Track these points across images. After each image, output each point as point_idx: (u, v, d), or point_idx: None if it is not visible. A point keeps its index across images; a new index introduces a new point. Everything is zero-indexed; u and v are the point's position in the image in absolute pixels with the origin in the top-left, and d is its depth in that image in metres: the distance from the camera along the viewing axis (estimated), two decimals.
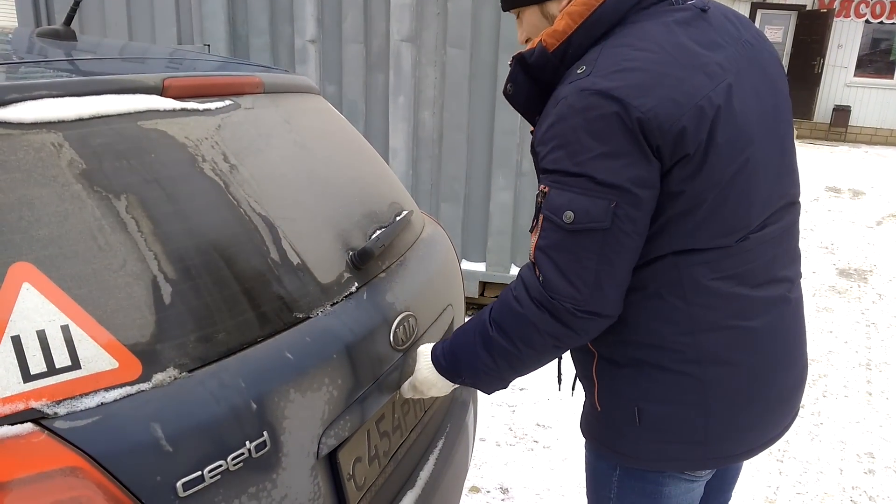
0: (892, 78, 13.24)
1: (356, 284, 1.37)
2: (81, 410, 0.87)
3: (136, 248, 1.01)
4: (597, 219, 1.05)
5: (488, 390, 1.28)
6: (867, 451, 2.98)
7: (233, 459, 0.96)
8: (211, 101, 1.33)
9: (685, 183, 1.07)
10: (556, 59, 1.14)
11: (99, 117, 1.11)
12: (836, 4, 12.89)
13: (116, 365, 0.93)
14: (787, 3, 13.11)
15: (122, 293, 0.97)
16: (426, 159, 4.04)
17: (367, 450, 1.30)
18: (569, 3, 1.16)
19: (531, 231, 1.15)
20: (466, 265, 4.08)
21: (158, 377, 0.95)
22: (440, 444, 1.63)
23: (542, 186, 1.11)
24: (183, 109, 1.26)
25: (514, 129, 3.84)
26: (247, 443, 0.99)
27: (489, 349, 1.20)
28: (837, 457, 2.93)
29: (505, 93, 1.23)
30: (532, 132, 1.22)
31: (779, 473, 2.78)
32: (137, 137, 1.13)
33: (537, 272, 1.11)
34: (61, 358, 0.88)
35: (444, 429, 1.68)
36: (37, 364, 0.86)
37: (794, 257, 1.26)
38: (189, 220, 1.11)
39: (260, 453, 1.00)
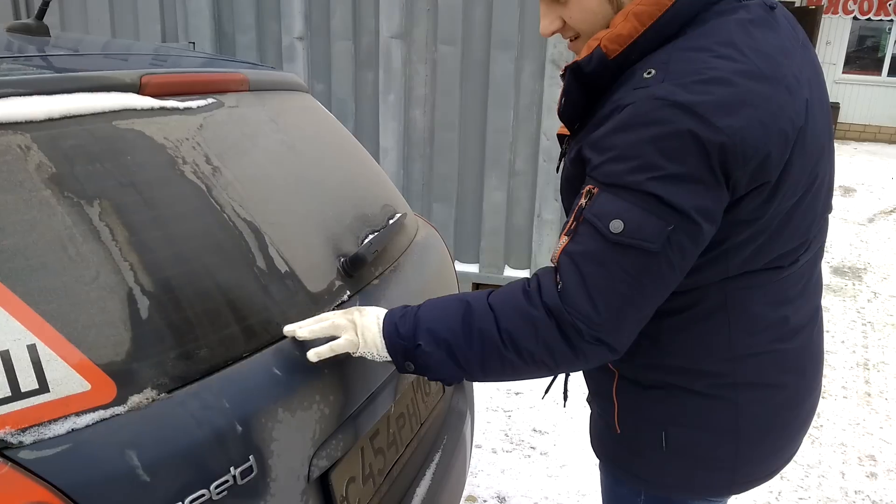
0: (880, 74, 13.29)
1: (348, 293, 1.29)
2: (50, 438, 0.80)
3: (110, 259, 0.94)
4: (648, 238, 0.91)
5: (431, 374, 1.06)
6: (868, 454, 2.94)
7: (216, 488, 0.89)
8: (192, 100, 1.26)
9: (756, 212, 0.96)
10: (616, 65, 0.98)
11: (71, 117, 1.03)
12: (825, 1, 12.92)
13: (89, 387, 0.85)
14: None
15: (95, 308, 0.89)
16: (417, 159, 3.96)
17: (361, 469, 1.23)
18: None
19: (562, 232, 0.99)
20: (459, 266, 4.01)
21: (135, 399, 0.88)
22: (437, 457, 1.56)
23: (589, 186, 0.96)
24: (162, 108, 1.18)
25: (506, 127, 3.77)
26: (231, 469, 0.91)
27: (469, 324, 1.00)
28: (839, 460, 2.88)
29: (559, 111, 1.07)
30: (564, 136, 1.12)
31: (780, 478, 2.72)
32: (112, 138, 1.06)
33: (557, 278, 0.96)
34: (27, 381, 0.81)
35: (441, 441, 1.61)
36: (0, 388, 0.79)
37: (820, 273, 1.19)
38: (168, 226, 1.04)
39: (246, 479, 0.93)
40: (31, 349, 0.82)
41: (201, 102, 1.28)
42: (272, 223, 1.21)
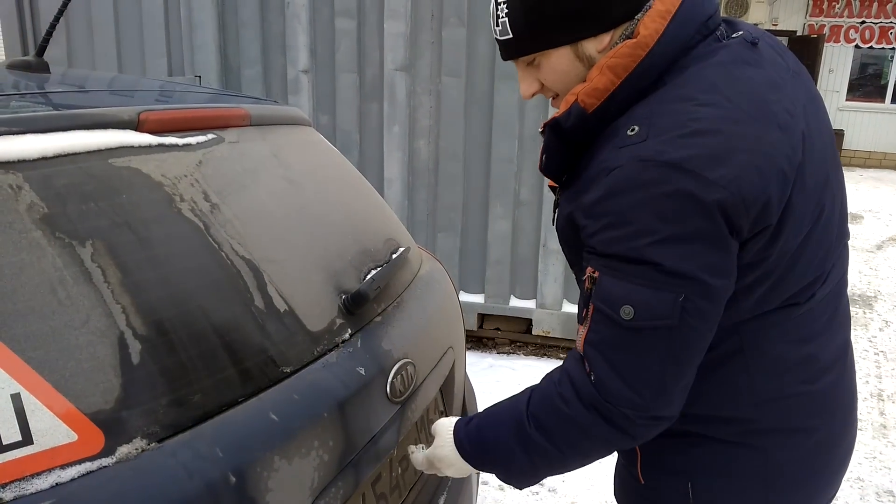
0: (883, 101, 13.36)
1: (349, 331, 1.26)
2: (32, 494, 0.76)
3: (101, 302, 0.90)
4: (662, 315, 0.88)
5: (519, 486, 1.10)
6: (887, 490, 2.86)
7: None
8: (192, 136, 1.24)
9: (760, 254, 0.92)
10: (596, 119, 0.96)
11: (65, 155, 1.01)
12: (826, 30, 13.02)
13: (75, 438, 0.81)
14: (778, 29, 13.21)
15: (84, 354, 0.86)
16: (422, 189, 3.95)
17: None
18: (610, 43, 0.98)
19: (580, 322, 0.98)
20: (464, 297, 3.97)
21: (123, 450, 0.84)
22: (442, 500, 1.51)
23: (590, 269, 0.94)
24: (160, 145, 1.16)
25: (511, 157, 3.76)
26: None
27: (526, 448, 1.02)
28: (857, 495, 2.80)
29: (540, 167, 1.07)
30: (557, 189, 1.09)
31: None
32: (108, 177, 1.03)
33: (588, 370, 0.94)
34: (10, 433, 0.77)
35: (447, 483, 1.56)
36: None
37: (847, 305, 1.13)
38: (163, 267, 1.01)
39: None
40: (15, 398, 0.78)
41: (201, 138, 1.26)
42: (272, 261, 1.18)
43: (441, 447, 1.16)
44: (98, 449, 0.82)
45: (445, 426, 1.18)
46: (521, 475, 1.07)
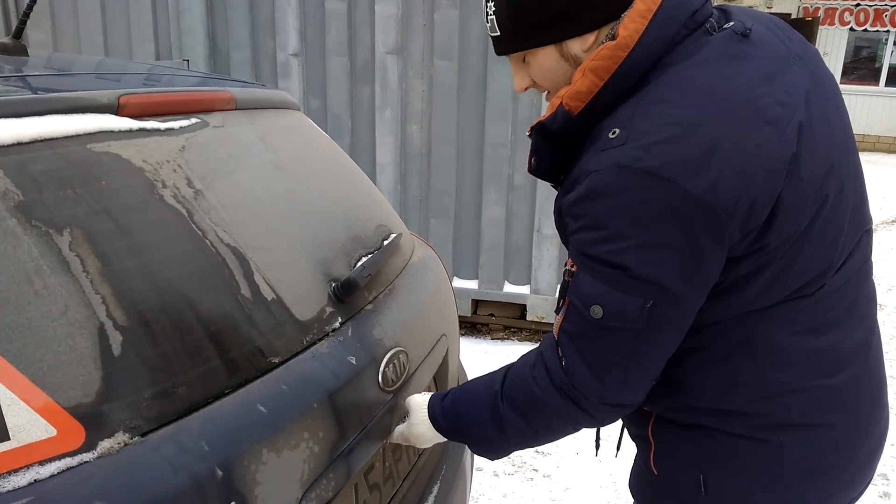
0: (878, 84, 13.33)
1: (340, 320, 1.23)
2: (9, 492, 0.73)
3: (80, 292, 0.87)
4: (629, 319, 0.91)
5: (491, 458, 1.18)
6: (881, 473, 2.86)
7: None
8: (174, 120, 1.20)
9: (750, 247, 0.91)
10: (582, 120, 0.96)
11: (41, 140, 0.97)
12: (821, 13, 12.97)
13: (54, 433, 0.78)
14: (773, 12, 13.14)
15: (63, 346, 0.83)
16: (414, 174, 3.91)
17: None
18: (595, 43, 0.97)
19: (556, 311, 1.03)
20: (458, 283, 3.95)
21: (105, 444, 0.81)
22: (436, 489, 1.49)
23: (569, 262, 0.98)
24: (141, 129, 1.12)
25: (504, 141, 3.72)
26: None
27: (499, 424, 1.09)
28: None
29: (529, 169, 1.07)
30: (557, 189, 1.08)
31: None
32: (86, 162, 1.00)
33: (560, 354, 1.00)
34: None
35: (440, 472, 1.54)
36: None
37: (872, 294, 1.10)
38: (144, 255, 0.98)
39: None
40: None
41: (184, 123, 1.22)
42: (258, 248, 1.15)
43: (416, 424, 1.22)
44: (79, 444, 0.79)
45: (419, 402, 1.23)
46: (494, 449, 1.14)
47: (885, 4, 12.61)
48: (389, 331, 1.31)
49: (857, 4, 12.75)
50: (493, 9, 1.00)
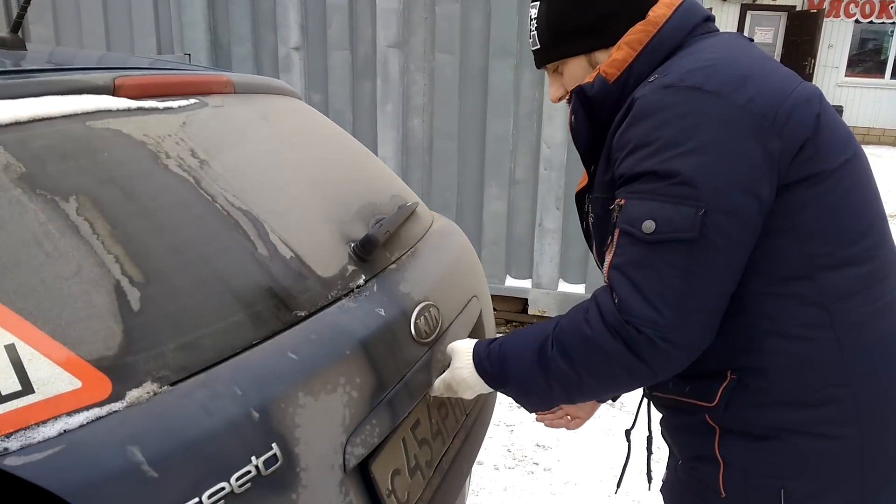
0: (882, 77, 13.17)
1: (363, 277, 1.20)
2: (39, 442, 0.71)
3: (92, 252, 0.86)
4: (681, 228, 0.90)
5: (531, 409, 1.13)
6: None
7: (237, 480, 0.78)
8: (173, 101, 1.19)
9: (795, 173, 0.94)
10: (618, 90, 1.04)
11: (39, 120, 0.96)
12: (826, 5, 12.86)
13: (79, 384, 0.76)
14: (777, 4, 13.04)
15: (79, 302, 0.81)
16: (416, 168, 3.89)
17: (406, 461, 1.12)
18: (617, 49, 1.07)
19: (605, 250, 1.01)
20: None
21: (133, 394, 0.79)
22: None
23: (618, 199, 0.98)
24: (139, 108, 1.12)
25: (506, 135, 3.69)
26: (252, 458, 0.81)
27: (545, 369, 1.03)
28: None
29: (570, 125, 1.11)
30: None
31: None
32: (87, 138, 0.99)
33: (613, 294, 0.96)
34: (8, 383, 0.72)
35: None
36: None
37: None
38: (154, 218, 0.96)
39: (271, 469, 0.83)
40: (10, 349, 0.73)
41: (182, 103, 1.21)
42: (271, 211, 1.13)
43: (460, 368, 1.16)
44: (106, 395, 0.77)
45: (463, 347, 1.18)
46: (537, 398, 1.09)
47: None
48: (416, 286, 1.28)
49: None
50: (535, 25, 1.13)
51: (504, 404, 3.12)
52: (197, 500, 0.74)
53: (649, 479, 1.33)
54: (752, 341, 0.98)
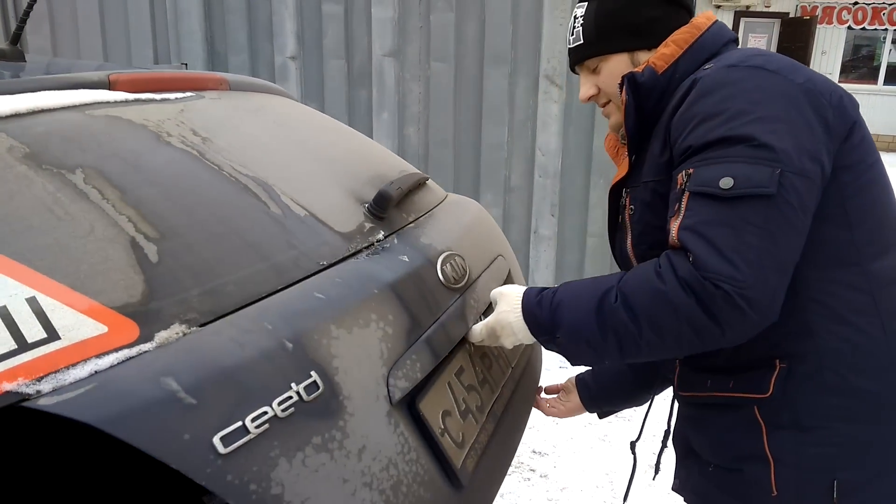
0: (875, 83, 13.17)
1: (382, 233, 1.18)
2: (71, 383, 0.69)
3: (103, 215, 0.85)
4: (760, 184, 0.90)
5: (574, 361, 1.08)
6: None
7: (279, 405, 0.76)
8: (169, 94, 1.21)
9: (846, 157, 0.98)
10: (665, 81, 1.09)
11: (38, 111, 0.97)
12: (819, 11, 12.96)
13: (105, 329, 0.74)
14: (771, 11, 13.14)
15: (96, 258, 0.80)
16: None
17: (455, 404, 1.08)
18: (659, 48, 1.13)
19: (669, 218, 0.99)
20: None
21: (162, 335, 0.77)
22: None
23: (682, 176, 0.97)
24: (137, 100, 1.13)
25: (501, 143, 3.70)
26: (292, 385, 0.78)
27: (603, 320, 0.99)
28: None
29: (623, 108, 1.12)
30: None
31: None
32: (87, 123, 1.00)
33: (687, 254, 0.93)
34: (34, 331, 0.70)
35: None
36: (2, 343, 0.68)
37: None
38: (162, 184, 0.96)
39: (313, 396, 0.80)
40: (31, 301, 0.72)
41: (179, 95, 1.23)
42: (280, 178, 1.12)
43: (506, 312, 1.11)
44: (134, 337, 0.75)
45: (512, 291, 1.13)
46: (587, 351, 1.03)
47: (884, 3, 12.56)
48: (437, 240, 1.26)
49: (855, 3, 12.71)
50: (582, 22, 1.17)
51: None
52: (240, 423, 0.71)
53: (656, 471, 1.34)
54: (803, 326, 0.99)
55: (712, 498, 1.12)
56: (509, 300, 1.12)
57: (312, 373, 0.81)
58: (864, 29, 12.94)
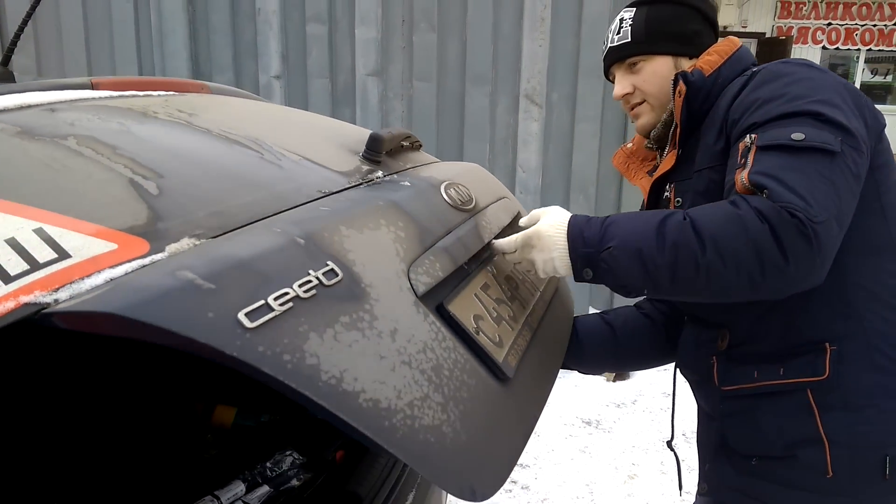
0: None
1: (381, 172, 1.18)
2: (88, 290, 0.68)
3: (99, 165, 0.87)
4: (827, 141, 0.98)
5: (613, 281, 1.04)
6: None
7: (300, 287, 0.74)
8: (151, 93, 1.24)
9: (875, 159, 1.07)
10: (710, 84, 1.19)
11: (26, 107, 1.00)
12: (794, 32, 13.32)
13: (115, 246, 0.74)
14: (747, 31, 13.46)
15: (97, 194, 0.81)
16: None
17: (486, 311, 1.05)
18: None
19: (734, 171, 1.02)
20: None
21: (173, 247, 0.76)
22: (411, 496, 1.30)
23: (744, 139, 1.03)
24: (121, 96, 1.16)
25: (482, 160, 3.74)
26: (310, 271, 0.77)
27: (663, 231, 0.98)
28: None
29: (684, 94, 1.20)
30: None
31: None
32: (73, 111, 1.02)
33: (761, 192, 0.96)
34: (44, 254, 0.70)
35: (415, 479, 1.34)
36: (15, 266, 0.68)
37: None
38: (153, 143, 0.98)
39: (333, 281, 0.78)
40: (39, 231, 0.72)
41: (161, 92, 1.26)
42: (270, 137, 1.14)
43: (548, 226, 1.10)
44: (145, 251, 0.75)
45: (557, 210, 1.15)
46: (634, 266, 1.00)
47: (856, 24, 13.00)
48: (438, 175, 1.26)
49: (829, 24, 13.16)
50: (630, 24, 1.27)
51: None
52: (263, 301, 0.70)
53: (680, 487, 1.39)
54: (849, 308, 1.05)
55: (756, 492, 1.13)
56: (553, 215, 1.12)
57: (329, 262, 0.80)
58: (837, 49, 13.29)
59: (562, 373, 1.15)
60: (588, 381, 3.61)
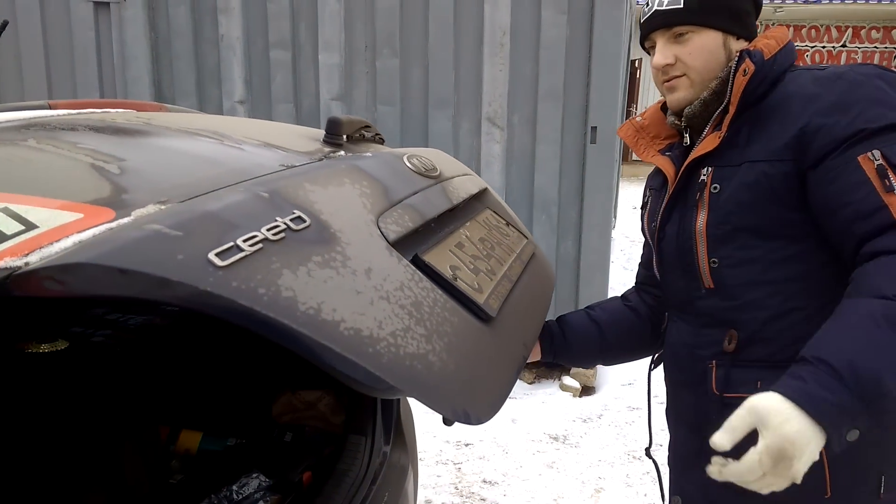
0: None
1: (343, 153, 1.20)
2: (57, 252, 0.69)
3: (59, 156, 0.88)
4: None
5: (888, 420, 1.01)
6: None
7: (269, 230, 0.75)
8: (109, 110, 1.26)
9: None
10: (766, 68, 1.13)
11: None
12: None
13: (81, 216, 0.75)
14: None
15: (59, 176, 0.82)
16: None
17: (463, 263, 1.06)
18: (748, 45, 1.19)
19: (884, 193, 0.98)
20: None
21: (140, 212, 0.77)
22: None
23: (865, 156, 1.00)
24: (79, 114, 1.18)
25: None
26: (277, 218, 0.78)
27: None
28: None
29: (744, 74, 1.14)
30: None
31: None
32: (32, 125, 1.04)
33: None
34: (11, 227, 0.71)
35: (382, 499, 1.35)
36: None
37: None
38: (113, 136, 0.99)
39: (301, 227, 0.79)
40: (4, 210, 0.73)
41: (118, 110, 1.28)
42: (229, 131, 1.16)
43: (785, 422, 0.85)
44: (111, 217, 0.76)
45: (763, 397, 0.89)
46: None
47: (805, 45, 13.83)
48: (399, 150, 1.28)
49: (813, 46, 13.86)
50: None
51: (452, 443, 3.15)
52: (232, 243, 0.71)
53: (662, 496, 1.33)
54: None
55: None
56: (775, 410, 0.87)
57: (295, 210, 0.81)
58: None
59: (528, 389, 1.15)
60: (555, 397, 3.64)
